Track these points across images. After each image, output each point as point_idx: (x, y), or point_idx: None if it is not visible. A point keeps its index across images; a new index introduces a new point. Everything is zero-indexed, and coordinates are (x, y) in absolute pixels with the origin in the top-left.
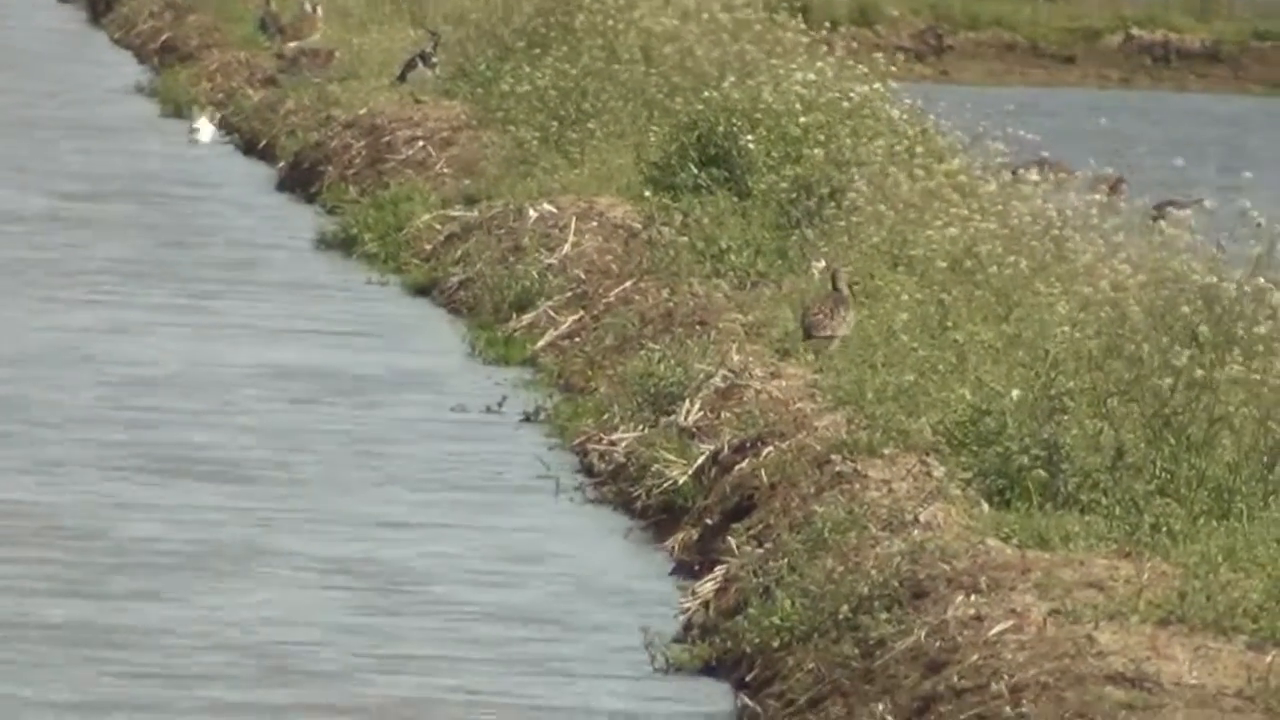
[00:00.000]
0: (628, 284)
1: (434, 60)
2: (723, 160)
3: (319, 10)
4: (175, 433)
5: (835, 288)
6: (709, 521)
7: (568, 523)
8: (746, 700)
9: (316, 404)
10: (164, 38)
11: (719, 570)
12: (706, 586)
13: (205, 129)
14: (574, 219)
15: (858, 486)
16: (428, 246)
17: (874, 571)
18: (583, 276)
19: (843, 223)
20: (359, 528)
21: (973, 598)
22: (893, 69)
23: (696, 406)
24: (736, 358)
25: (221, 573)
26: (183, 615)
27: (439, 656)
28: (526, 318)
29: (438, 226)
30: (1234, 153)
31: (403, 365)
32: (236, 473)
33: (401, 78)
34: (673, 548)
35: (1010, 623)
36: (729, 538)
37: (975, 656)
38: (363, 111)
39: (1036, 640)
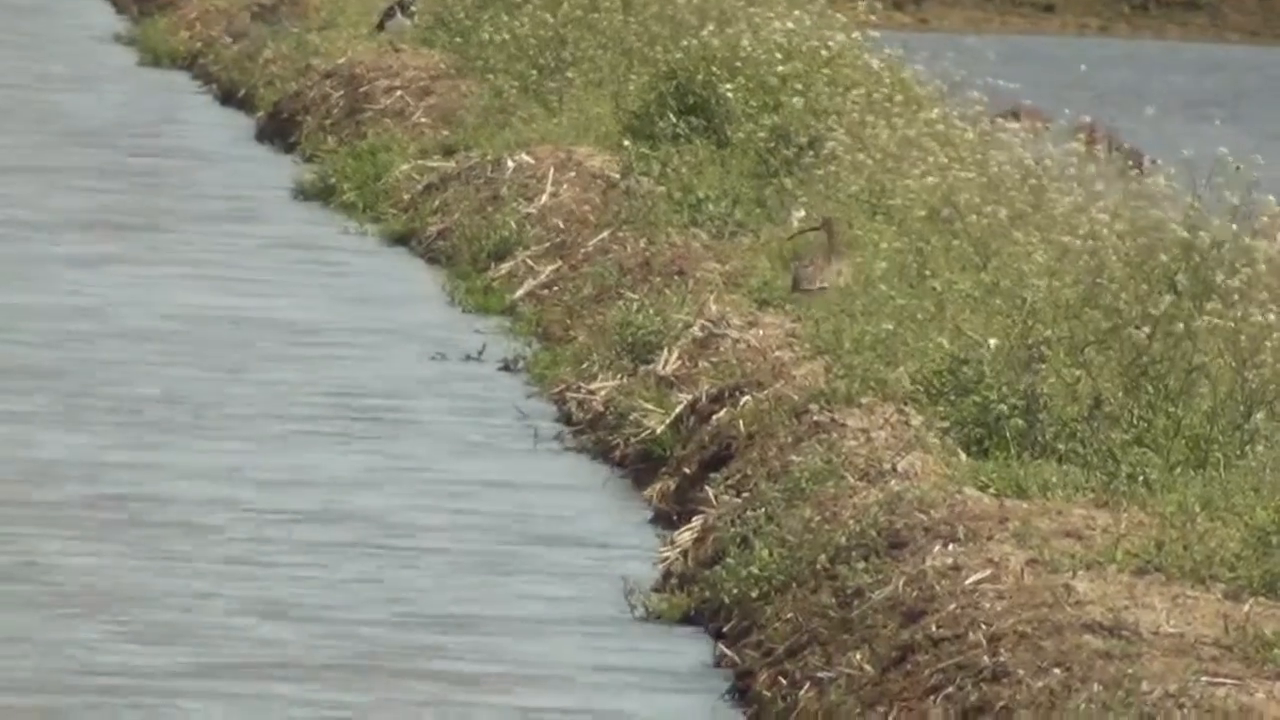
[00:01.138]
0: (606, 234)
1: (412, 9)
2: (701, 109)
3: None
4: (145, 384)
5: (831, 239)
6: (687, 471)
7: (546, 471)
8: (725, 649)
9: (292, 354)
10: None
11: (697, 520)
12: (685, 536)
13: None
14: (552, 169)
15: (835, 436)
16: (406, 196)
17: (851, 521)
18: (561, 226)
19: (821, 172)
20: (336, 476)
21: (950, 547)
22: (872, 17)
23: (674, 356)
24: (714, 307)
25: (188, 527)
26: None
27: (411, 600)
28: (505, 267)
29: (416, 176)
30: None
31: (381, 314)
32: (200, 423)
33: (380, 26)
34: (651, 497)
35: (988, 572)
36: (707, 487)
37: (953, 606)
38: (341, 61)
39: (1014, 589)
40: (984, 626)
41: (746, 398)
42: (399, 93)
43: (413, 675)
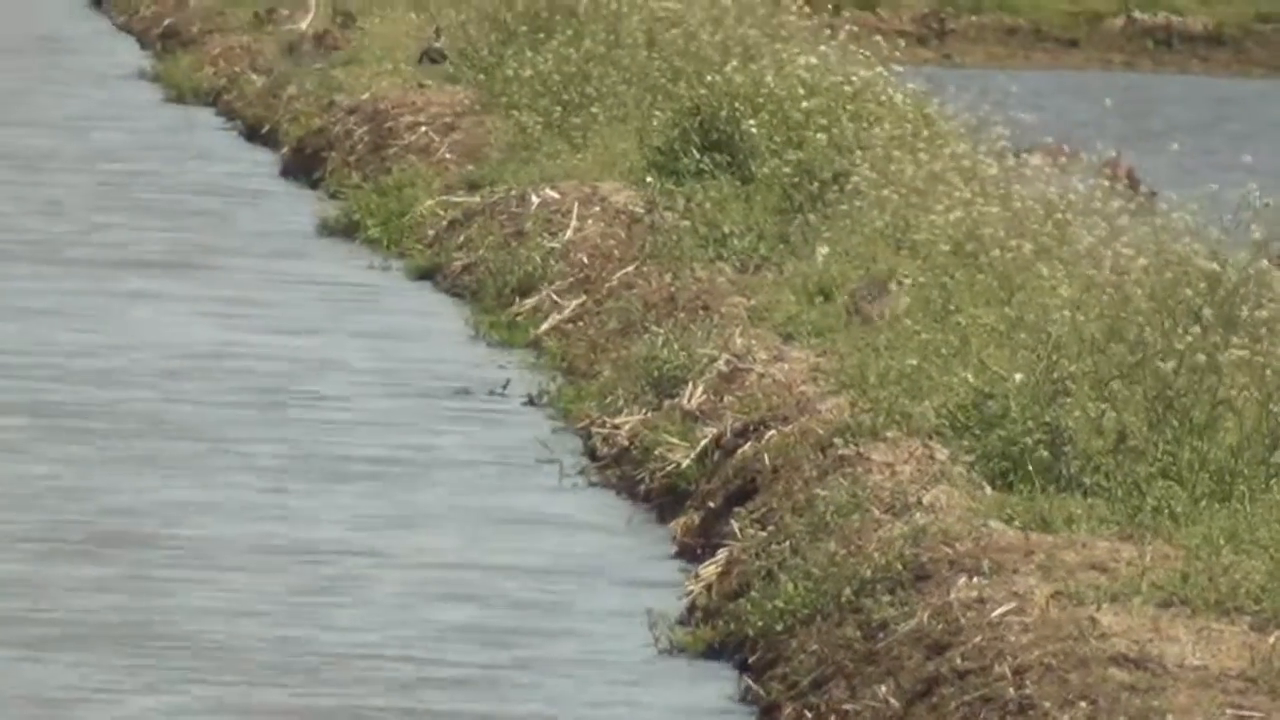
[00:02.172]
0: (630, 268)
1: (443, 51)
2: (725, 145)
3: None
4: (170, 420)
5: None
6: (712, 505)
7: (570, 505)
8: (750, 683)
9: (317, 388)
10: (166, 23)
11: (722, 553)
12: (709, 569)
13: None
14: (577, 204)
15: (860, 470)
16: (431, 232)
17: (877, 554)
18: (585, 261)
19: (845, 207)
20: (357, 506)
21: (975, 580)
22: (896, 53)
23: (700, 390)
24: (739, 341)
25: (225, 567)
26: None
27: (436, 634)
28: (529, 302)
29: (441, 212)
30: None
31: (405, 350)
32: (229, 459)
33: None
34: (676, 531)
35: (1013, 605)
36: (732, 521)
37: (978, 638)
38: (365, 97)
39: (1039, 622)
40: (1009, 659)
41: (771, 432)
42: (423, 128)
43: (441, 717)
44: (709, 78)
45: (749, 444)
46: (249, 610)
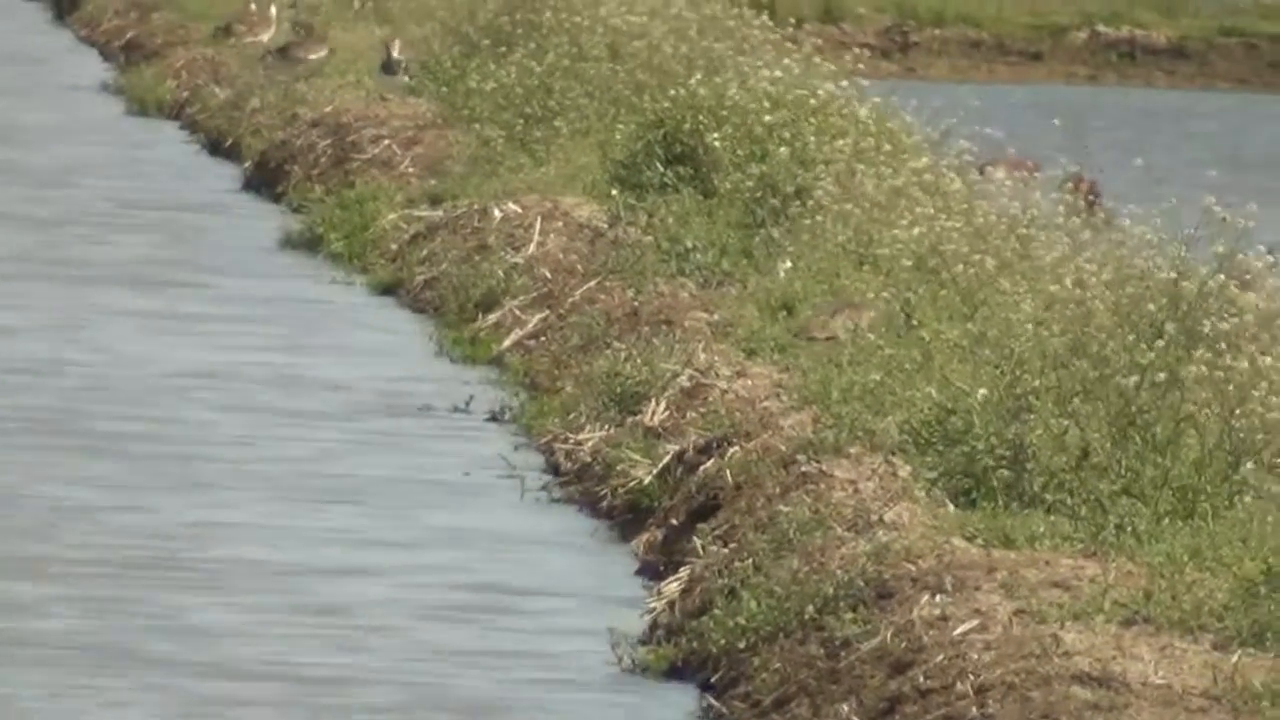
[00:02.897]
0: (593, 283)
1: (403, 65)
2: (688, 158)
3: (272, 8)
4: (127, 441)
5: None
6: (674, 522)
7: (532, 522)
8: (712, 701)
9: (276, 404)
10: (129, 35)
11: (684, 571)
12: (672, 587)
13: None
14: (539, 218)
15: (823, 486)
16: (393, 246)
17: (839, 571)
18: (548, 276)
19: (808, 222)
20: (323, 526)
21: (938, 597)
22: (860, 66)
23: (662, 406)
24: (702, 357)
25: (177, 583)
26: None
27: (404, 654)
28: (492, 317)
29: (403, 226)
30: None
31: (368, 365)
32: (192, 477)
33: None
34: (638, 548)
35: (975, 622)
36: (694, 538)
37: (941, 656)
38: (328, 110)
39: (1002, 640)
40: (972, 677)
41: (734, 448)
42: (386, 142)
43: None
44: (672, 91)
45: (711, 460)
46: (208, 629)
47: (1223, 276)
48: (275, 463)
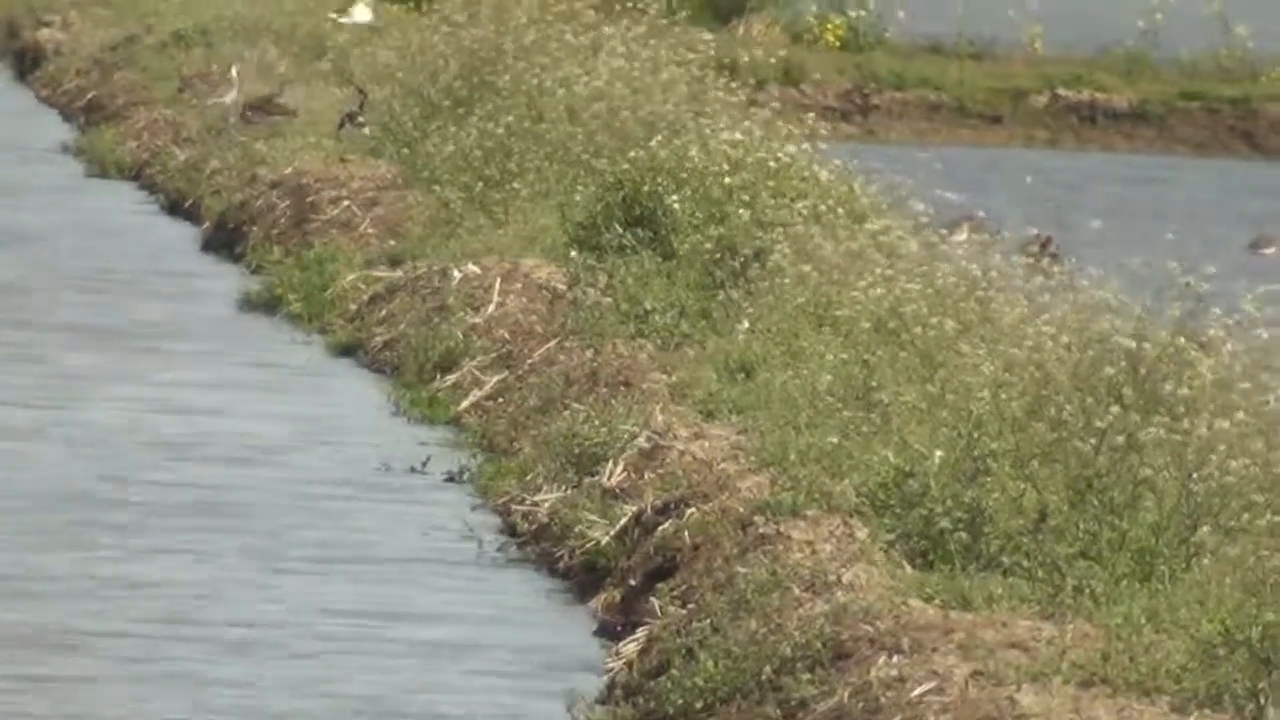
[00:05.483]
0: (552, 344)
1: (360, 120)
2: (648, 220)
3: (233, 70)
4: (92, 507)
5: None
6: (632, 582)
7: (490, 583)
8: None
9: (238, 465)
10: (90, 96)
11: (642, 631)
12: (630, 647)
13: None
14: (498, 279)
15: (781, 548)
16: (352, 307)
17: (797, 632)
18: (507, 337)
19: (767, 283)
20: (279, 588)
21: (895, 658)
22: (822, 129)
23: (620, 467)
24: (660, 418)
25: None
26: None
27: (356, 713)
28: (451, 378)
29: (362, 287)
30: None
31: (326, 426)
32: (149, 540)
33: (339, 135)
34: (596, 608)
35: (933, 684)
36: (652, 598)
37: (898, 718)
38: (288, 171)
39: (959, 702)
40: None
41: (692, 509)
42: (346, 203)
43: None
44: (632, 153)
45: (669, 521)
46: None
47: (1182, 340)
48: (231, 532)
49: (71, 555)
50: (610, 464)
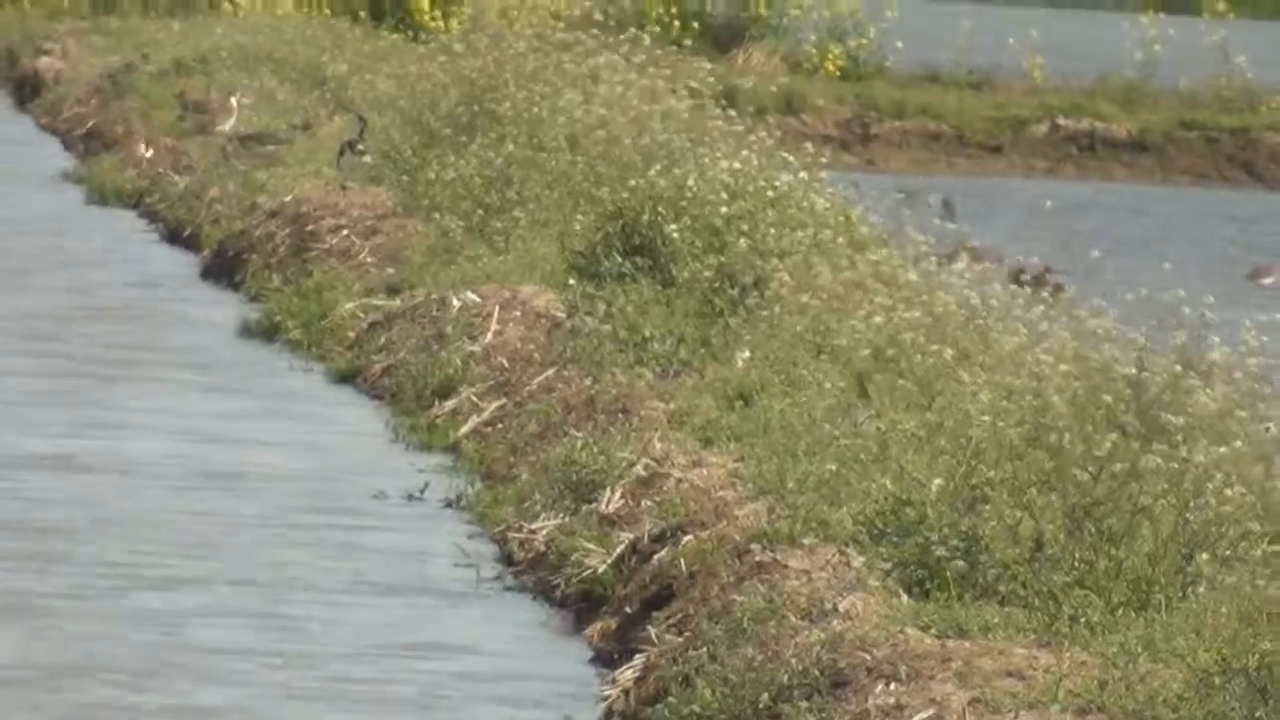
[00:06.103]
0: (550, 372)
1: (360, 148)
2: (647, 249)
3: (232, 99)
4: (78, 541)
5: None
6: (628, 610)
7: (486, 610)
8: None
9: (235, 493)
10: (90, 124)
11: (639, 659)
12: (626, 675)
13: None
14: (497, 307)
15: (777, 576)
16: (351, 334)
17: (794, 660)
18: (505, 364)
19: (766, 312)
20: (273, 613)
21: (893, 686)
22: (822, 158)
23: (618, 495)
24: (658, 446)
25: (129, 674)
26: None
27: None
28: (449, 404)
29: (361, 315)
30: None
31: (324, 453)
32: (148, 574)
33: (339, 163)
34: (592, 636)
35: (930, 711)
36: (649, 626)
37: None
38: (288, 199)
39: None
40: None
41: (689, 537)
42: (345, 231)
43: None
44: (631, 182)
45: (666, 549)
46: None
47: (1179, 368)
48: (226, 560)
49: (57, 582)
50: (608, 491)
